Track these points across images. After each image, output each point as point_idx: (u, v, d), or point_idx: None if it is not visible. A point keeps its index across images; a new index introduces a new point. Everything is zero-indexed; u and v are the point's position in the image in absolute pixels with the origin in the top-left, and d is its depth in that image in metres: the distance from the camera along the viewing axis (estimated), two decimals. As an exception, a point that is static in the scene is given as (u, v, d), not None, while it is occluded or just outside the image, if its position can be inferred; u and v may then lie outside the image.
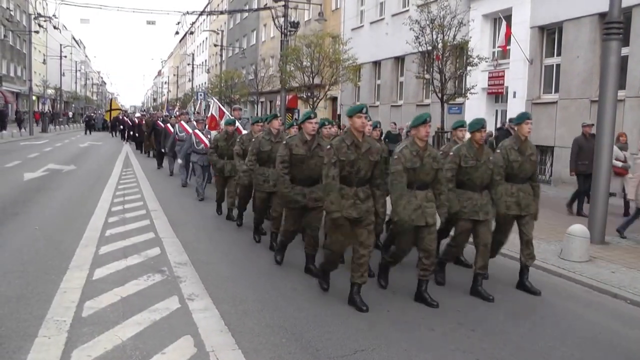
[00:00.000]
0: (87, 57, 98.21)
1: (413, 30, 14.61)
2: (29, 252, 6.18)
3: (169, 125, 14.64)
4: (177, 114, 16.04)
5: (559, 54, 14.48)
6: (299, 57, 20.53)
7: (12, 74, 47.43)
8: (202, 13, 46.92)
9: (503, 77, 16.18)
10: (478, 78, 16.15)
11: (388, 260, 5.37)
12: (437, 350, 4.02)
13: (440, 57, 14.40)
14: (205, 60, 61.58)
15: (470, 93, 15.18)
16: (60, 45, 54.86)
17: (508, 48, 15.45)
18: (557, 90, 14.53)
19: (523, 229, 5.60)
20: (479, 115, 15.94)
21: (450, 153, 5.45)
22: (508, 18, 15.42)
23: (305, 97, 21.09)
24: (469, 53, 14.91)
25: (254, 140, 7.08)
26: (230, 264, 6.13)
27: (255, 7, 38.22)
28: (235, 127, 9.21)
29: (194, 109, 21.68)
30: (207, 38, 60.39)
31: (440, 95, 14.68)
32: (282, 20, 23.78)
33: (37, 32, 38.50)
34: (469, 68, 14.89)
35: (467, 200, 5.31)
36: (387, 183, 5.19)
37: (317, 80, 20.35)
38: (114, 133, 35.62)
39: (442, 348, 4.07)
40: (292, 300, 4.93)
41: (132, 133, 25.37)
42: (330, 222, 4.73)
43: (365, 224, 4.76)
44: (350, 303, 4.82)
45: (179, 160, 12.28)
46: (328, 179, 4.68)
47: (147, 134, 19.10)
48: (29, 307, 4.44)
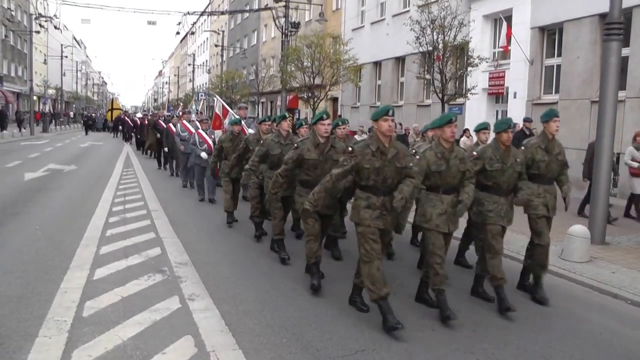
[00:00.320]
0: (87, 57, 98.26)
1: (414, 31, 14.60)
2: (30, 252, 6.18)
3: (171, 125, 14.42)
4: (179, 114, 15.81)
5: (560, 55, 14.47)
6: (300, 57, 20.55)
7: (13, 74, 47.46)
8: (203, 13, 47.01)
9: (503, 77, 16.19)
10: (478, 78, 16.15)
11: (424, 280, 4.90)
12: (437, 351, 4.02)
13: (441, 57, 14.40)
14: (206, 61, 61.59)
15: (471, 93, 15.18)
16: (61, 46, 54.89)
17: (509, 48, 15.45)
18: (557, 91, 14.53)
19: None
20: (479, 116, 16.03)
21: (474, 153, 5.09)
22: (508, 19, 15.42)
23: (306, 97, 21.11)
24: (470, 53, 14.91)
25: (263, 142, 6.62)
26: (231, 264, 6.13)
27: (256, 7, 38.22)
28: (241, 126, 8.85)
29: (196, 108, 21.47)
30: (208, 38, 60.41)
31: (441, 96, 14.68)
32: (282, 21, 23.79)
33: (38, 32, 38.54)
34: (470, 68, 14.89)
35: (492, 204, 5.00)
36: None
37: (317, 81, 20.37)
38: (116, 133, 35.56)
39: (442, 348, 4.07)
40: (292, 301, 4.93)
41: (133, 133, 25.30)
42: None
43: (388, 233, 4.53)
44: (351, 304, 4.80)
45: (203, 155, 10.80)
46: (328, 176, 4.52)
47: (148, 134, 18.65)
48: (30, 307, 4.45)
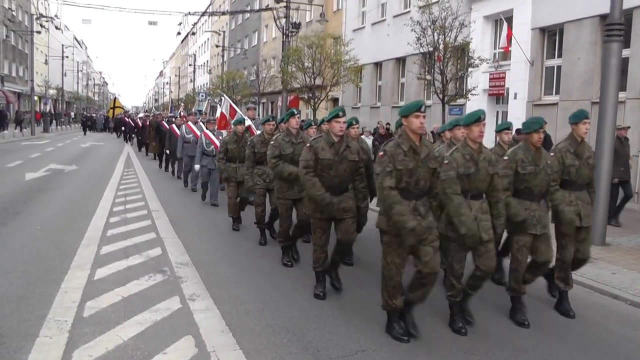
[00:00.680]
0: (88, 57, 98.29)
1: (414, 32, 14.59)
2: (30, 252, 6.19)
3: (174, 127, 13.92)
4: (181, 114, 15.54)
5: (560, 56, 14.46)
6: (301, 58, 20.54)
7: (14, 74, 47.49)
8: (203, 14, 47.10)
9: (504, 78, 16.17)
10: (479, 79, 16.14)
11: (467, 292, 4.50)
12: (438, 351, 4.02)
13: (442, 58, 14.40)
14: (207, 61, 61.60)
15: (471, 94, 15.16)
16: (62, 46, 54.99)
17: (510, 49, 15.45)
18: (557, 92, 14.52)
19: (579, 246, 5.02)
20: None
21: (505, 157, 4.71)
22: (509, 19, 15.41)
23: (307, 98, 21.10)
24: (470, 54, 14.91)
25: (273, 143, 6.13)
26: (232, 265, 6.13)
27: (257, 8, 38.22)
28: (246, 125, 8.54)
29: (200, 109, 21.30)
30: (208, 39, 60.40)
31: (441, 97, 14.68)
32: (283, 21, 23.79)
33: (39, 32, 38.58)
34: (470, 69, 14.88)
35: (524, 211, 4.59)
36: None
37: (318, 81, 20.36)
38: (118, 134, 35.43)
39: (443, 349, 4.07)
40: (293, 301, 4.93)
41: (134, 134, 25.16)
42: (403, 238, 3.94)
43: (429, 242, 4.01)
44: (388, 331, 4.21)
45: (196, 167, 10.74)
46: (385, 191, 3.92)
47: (150, 135, 17.96)
48: (30, 307, 4.45)
